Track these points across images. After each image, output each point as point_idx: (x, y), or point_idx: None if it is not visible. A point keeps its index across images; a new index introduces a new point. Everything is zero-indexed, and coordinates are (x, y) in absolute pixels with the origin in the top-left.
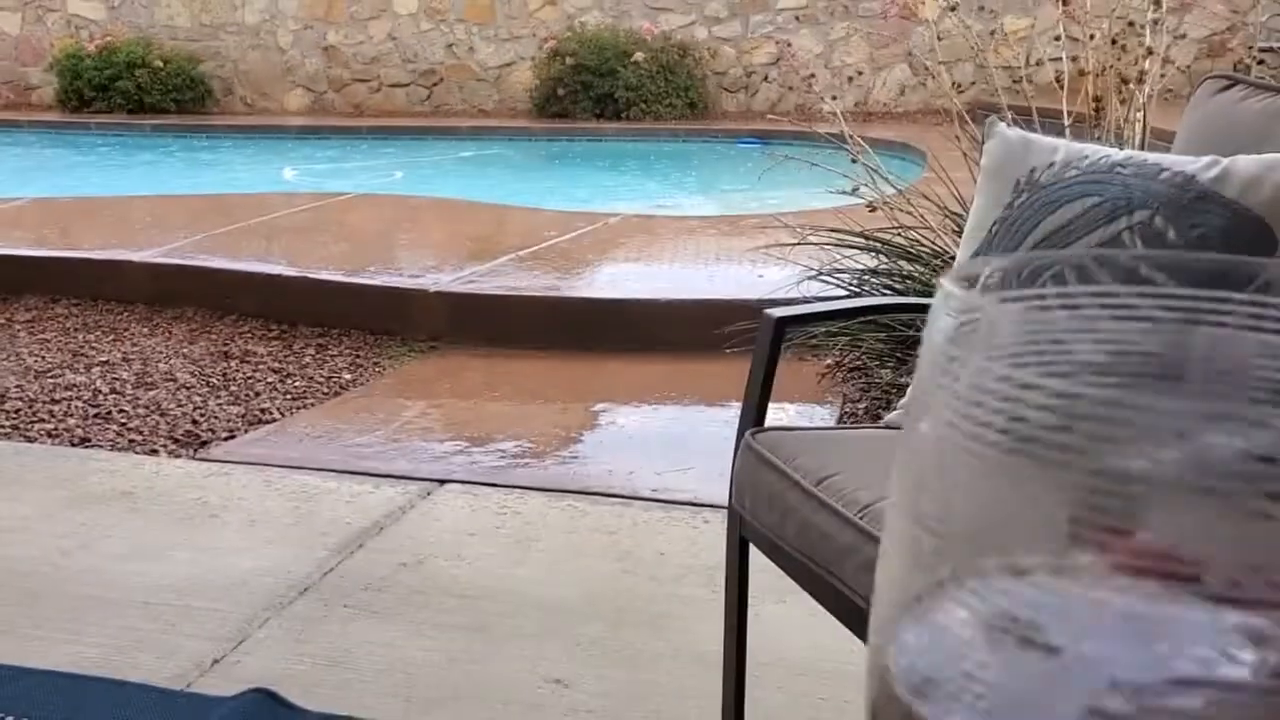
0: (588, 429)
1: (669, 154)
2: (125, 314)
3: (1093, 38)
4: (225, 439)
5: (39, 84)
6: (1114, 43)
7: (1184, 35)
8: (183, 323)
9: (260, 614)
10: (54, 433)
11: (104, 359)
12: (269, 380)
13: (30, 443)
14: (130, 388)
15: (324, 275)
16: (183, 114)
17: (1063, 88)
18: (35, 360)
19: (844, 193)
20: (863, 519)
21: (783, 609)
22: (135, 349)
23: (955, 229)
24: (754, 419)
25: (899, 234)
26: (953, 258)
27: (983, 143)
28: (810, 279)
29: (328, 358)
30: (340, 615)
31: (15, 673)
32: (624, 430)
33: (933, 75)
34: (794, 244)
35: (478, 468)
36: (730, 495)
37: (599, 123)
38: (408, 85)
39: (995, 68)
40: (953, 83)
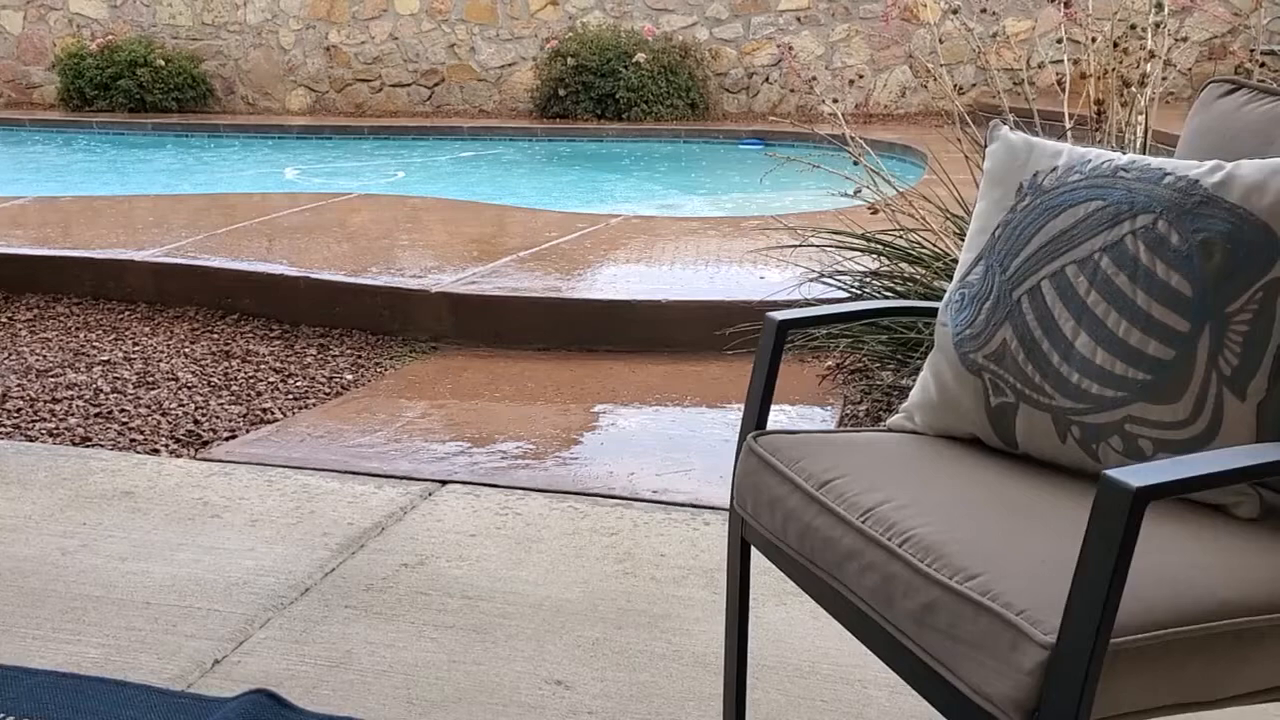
0: (589, 430)
1: (670, 155)
2: (127, 313)
3: (1094, 40)
4: (227, 439)
5: (41, 83)
6: (1116, 45)
7: (1186, 38)
8: (184, 322)
9: (261, 614)
10: (55, 432)
11: (105, 358)
12: (270, 380)
13: (31, 442)
14: (132, 387)
15: (326, 275)
16: (184, 113)
17: (1064, 90)
18: (37, 359)
19: (845, 194)
20: (865, 523)
21: (784, 611)
22: (137, 348)
23: (957, 231)
24: (755, 422)
25: (900, 236)
26: (954, 260)
27: (985, 146)
28: (811, 281)
29: (329, 358)
30: (341, 616)
31: (17, 673)
32: (625, 431)
33: (934, 77)
34: (795, 245)
35: (479, 468)
36: (732, 498)
37: (600, 123)
38: (409, 85)
39: (996, 70)
40: (954, 85)
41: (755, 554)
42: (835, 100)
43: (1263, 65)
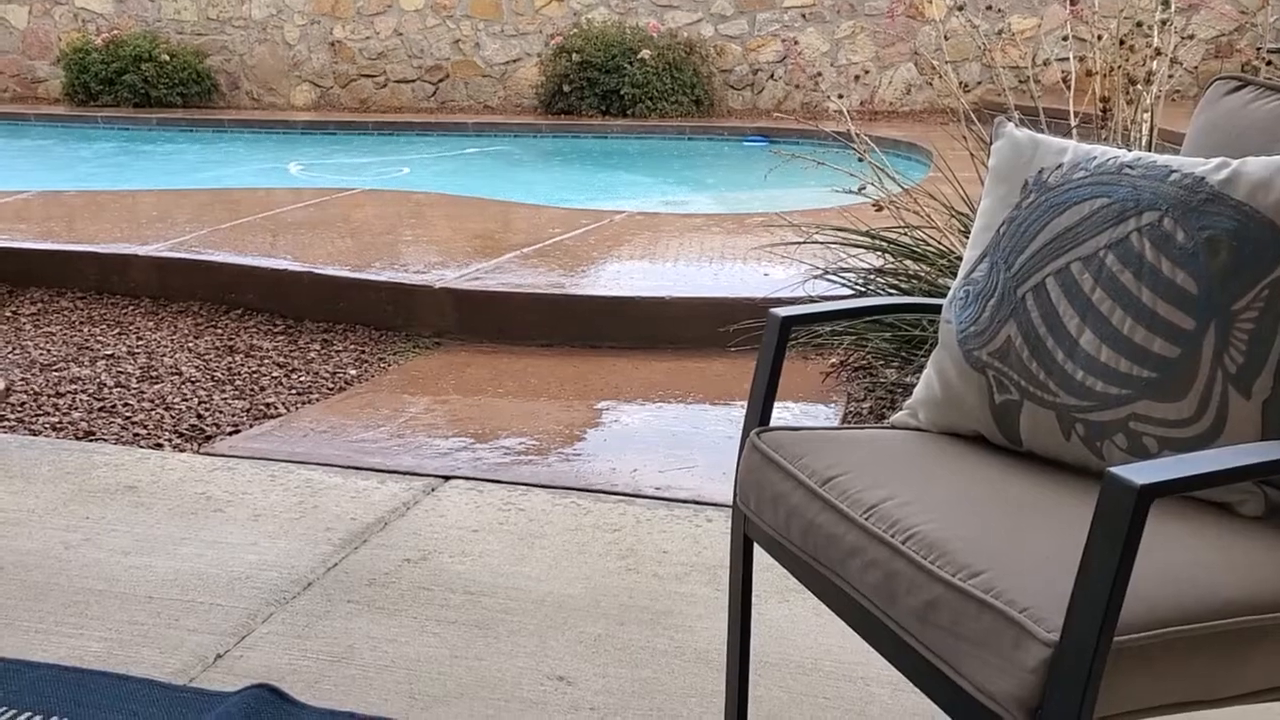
0: (592, 426)
1: (674, 151)
2: (131, 308)
3: (1100, 38)
4: (230, 433)
5: (46, 77)
6: (1121, 43)
7: (1192, 36)
8: (188, 317)
9: (264, 609)
10: (59, 426)
11: (109, 352)
12: (274, 375)
13: (35, 436)
14: (135, 381)
15: (329, 270)
16: (189, 108)
17: (1069, 88)
18: (40, 353)
19: (850, 191)
20: (868, 520)
21: (786, 608)
22: (140, 343)
23: (961, 228)
24: (759, 418)
25: (905, 233)
26: (959, 258)
27: (990, 143)
28: (816, 278)
29: (333, 353)
30: (344, 611)
31: (20, 666)
32: (628, 428)
33: (939, 74)
34: (799, 242)
35: (482, 464)
36: (734, 494)
37: (604, 120)
38: (414, 81)
39: (1002, 67)
40: (959, 82)
41: (758, 551)
42: (840, 97)
43: (1269, 63)
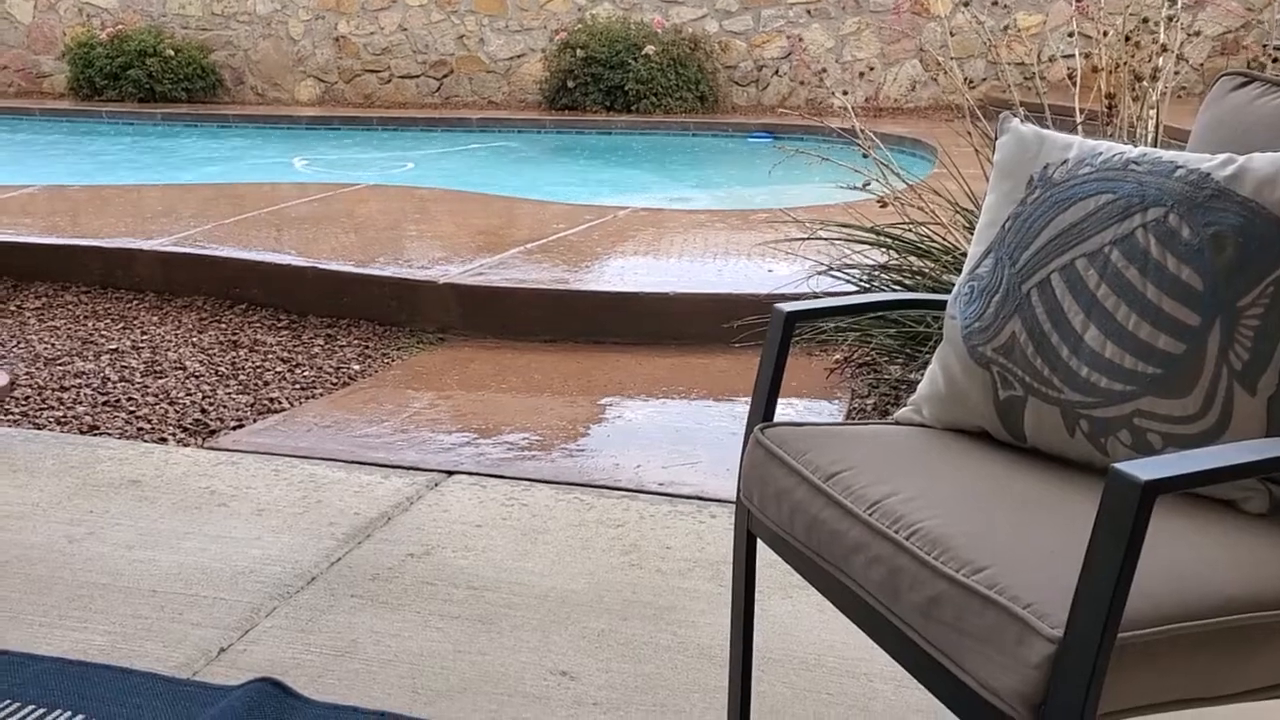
0: (595, 422)
1: (679, 147)
2: (135, 302)
3: (1106, 34)
4: (234, 428)
5: (51, 72)
6: (1127, 39)
7: (1198, 32)
8: (192, 311)
9: (267, 603)
10: (63, 420)
11: (113, 347)
12: (278, 370)
13: (39, 430)
14: (139, 376)
15: (333, 266)
16: (193, 103)
17: (1075, 84)
18: (45, 347)
19: (854, 188)
20: (872, 515)
21: (789, 604)
22: (145, 337)
23: (966, 225)
24: (763, 414)
25: (909, 230)
26: (963, 254)
27: (995, 139)
28: (820, 274)
29: (336, 348)
30: (347, 605)
31: (24, 659)
32: (631, 423)
33: (944, 71)
34: (804, 239)
35: (485, 459)
36: (738, 490)
37: (609, 116)
38: (418, 76)
39: (1007, 64)
40: (964, 79)
41: (761, 546)
42: (845, 93)
43: (1276, 60)
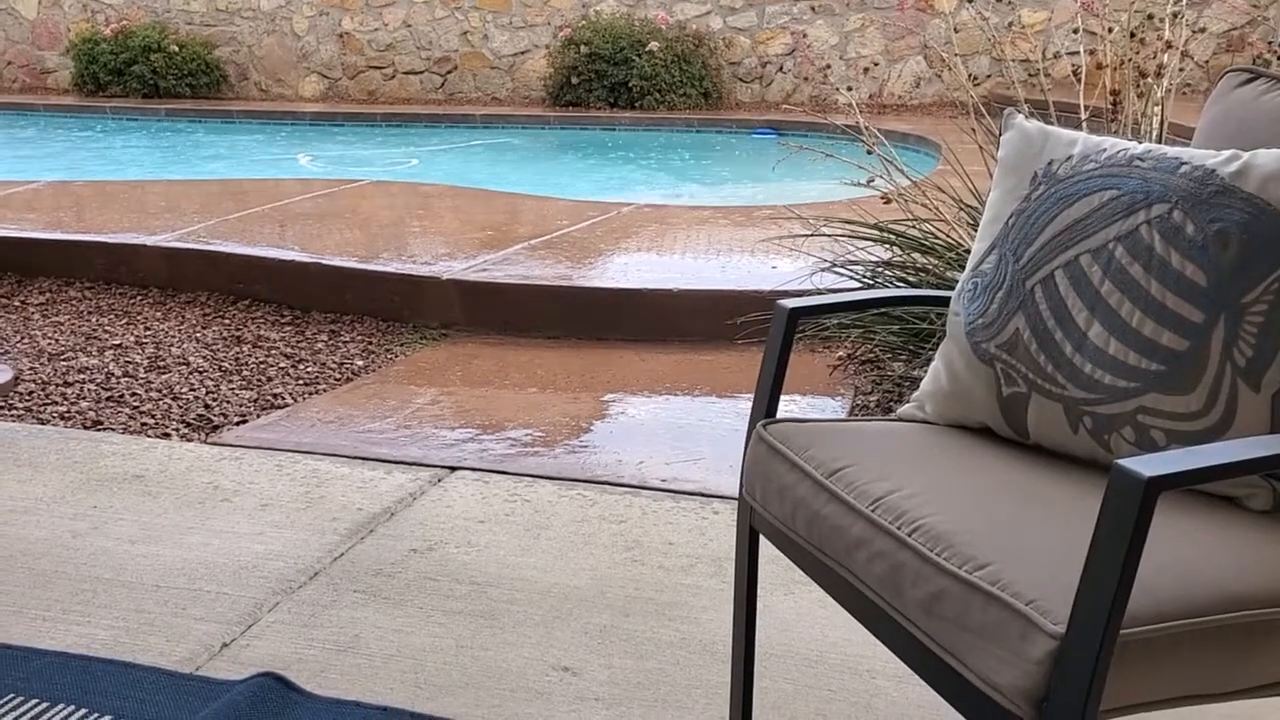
0: (598, 418)
1: (682, 144)
2: (139, 298)
3: (1111, 31)
4: (237, 423)
5: (55, 67)
6: (1132, 36)
7: (1203, 29)
8: (196, 307)
9: (270, 598)
10: (66, 415)
11: (117, 342)
12: (281, 365)
13: (43, 425)
14: (143, 371)
15: (337, 261)
16: (197, 99)
17: (1080, 81)
18: (48, 343)
19: (858, 184)
20: (874, 512)
21: (792, 600)
22: (148, 333)
23: (970, 222)
24: (765, 410)
25: (913, 226)
26: (967, 251)
27: (1000, 135)
28: (823, 270)
29: (340, 344)
30: (350, 600)
31: (27, 654)
32: (634, 419)
33: (949, 67)
34: (807, 235)
35: (488, 455)
36: (740, 486)
37: (613, 112)
38: (422, 73)
39: (1012, 61)
40: (969, 75)
41: (764, 542)
42: (849, 90)
43: None
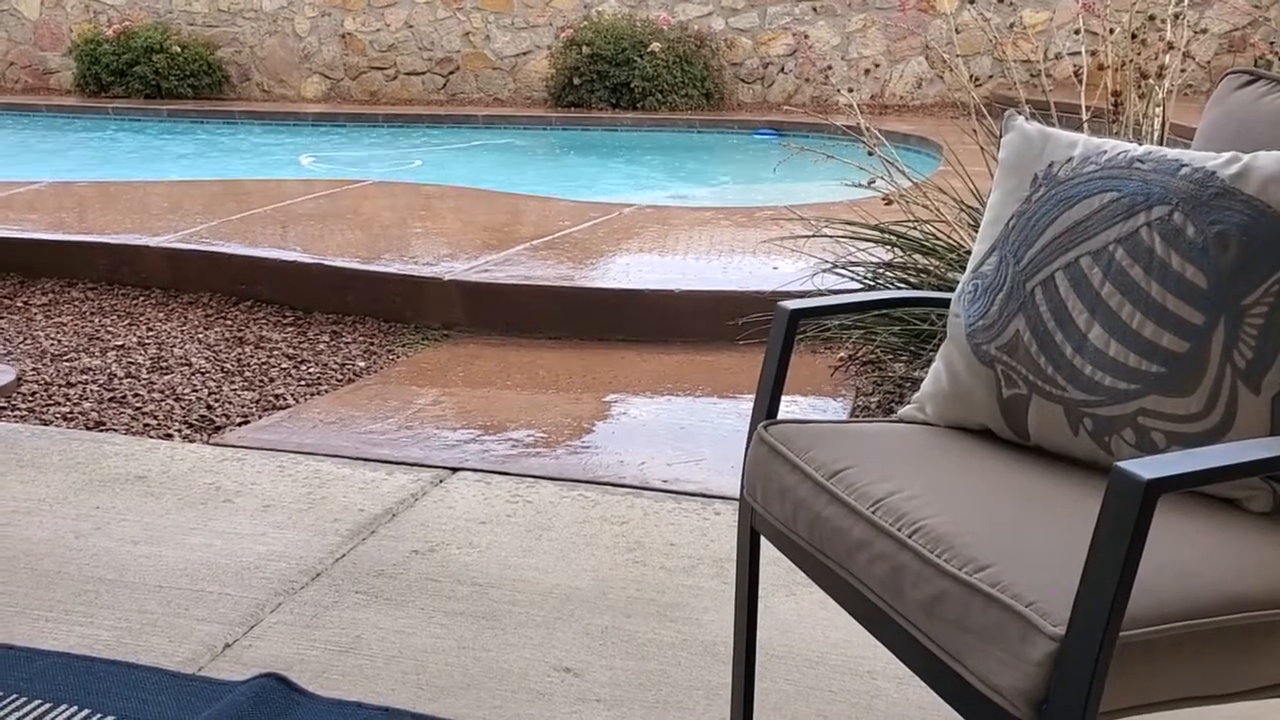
0: (600, 419)
1: (684, 144)
2: (141, 298)
3: (1112, 32)
4: (239, 424)
5: (58, 68)
6: (1134, 37)
7: (1205, 30)
8: (198, 308)
9: (272, 599)
10: (69, 416)
11: (119, 343)
12: (283, 366)
13: (45, 426)
14: (145, 372)
15: (339, 262)
16: (199, 100)
17: (1081, 82)
18: (51, 343)
19: (859, 185)
20: (875, 513)
21: (793, 602)
22: (151, 333)
23: (971, 223)
24: (766, 411)
25: (914, 227)
26: (968, 252)
27: (1000, 136)
28: (824, 271)
29: (342, 344)
30: (352, 601)
31: (30, 654)
32: (636, 421)
33: (950, 68)
34: (809, 236)
35: (490, 456)
36: (742, 487)
37: (614, 113)
38: (424, 73)
39: (1013, 61)
40: (970, 76)
41: (765, 544)
42: (850, 91)
43: None
